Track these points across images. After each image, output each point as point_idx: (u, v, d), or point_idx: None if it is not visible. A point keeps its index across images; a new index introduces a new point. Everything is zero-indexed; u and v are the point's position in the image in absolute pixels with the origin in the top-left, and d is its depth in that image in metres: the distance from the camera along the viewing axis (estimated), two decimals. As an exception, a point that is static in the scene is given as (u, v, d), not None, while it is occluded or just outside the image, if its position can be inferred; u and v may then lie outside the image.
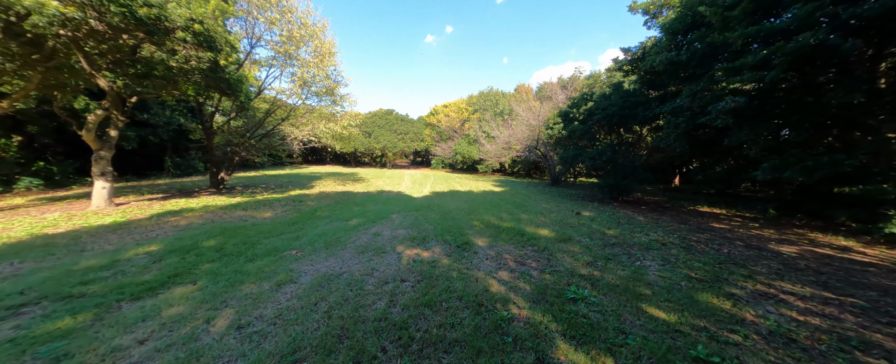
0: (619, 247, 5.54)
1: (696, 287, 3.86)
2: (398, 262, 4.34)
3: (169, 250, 4.70)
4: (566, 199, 12.74)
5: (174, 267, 4.03)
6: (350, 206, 9.12)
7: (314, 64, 10.85)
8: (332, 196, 11.49)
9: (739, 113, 6.83)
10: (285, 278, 3.72)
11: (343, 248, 4.98)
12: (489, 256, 4.71)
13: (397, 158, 51.25)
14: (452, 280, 3.72)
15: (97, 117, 7.70)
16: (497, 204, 10.42)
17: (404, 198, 11.52)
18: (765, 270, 4.68)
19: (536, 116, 19.23)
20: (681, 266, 4.63)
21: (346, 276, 3.82)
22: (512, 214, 8.47)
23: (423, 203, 10.13)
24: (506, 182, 21.43)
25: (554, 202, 11.58)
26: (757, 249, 5.95)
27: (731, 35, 5.87)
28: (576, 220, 8.19)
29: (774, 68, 5.58)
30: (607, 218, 8.59)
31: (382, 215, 7.79)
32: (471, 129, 33.24)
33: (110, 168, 8.39)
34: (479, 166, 31.72)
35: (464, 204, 10.25)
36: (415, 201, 10.54)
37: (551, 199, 12.34)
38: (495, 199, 11.59)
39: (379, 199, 11.11)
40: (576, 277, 3.94)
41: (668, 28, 7.73)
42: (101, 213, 7.64)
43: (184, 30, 6.19)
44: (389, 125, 40.04)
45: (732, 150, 10.05)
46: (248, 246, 4.97)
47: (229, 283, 3.59)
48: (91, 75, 7.06)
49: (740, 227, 8.22)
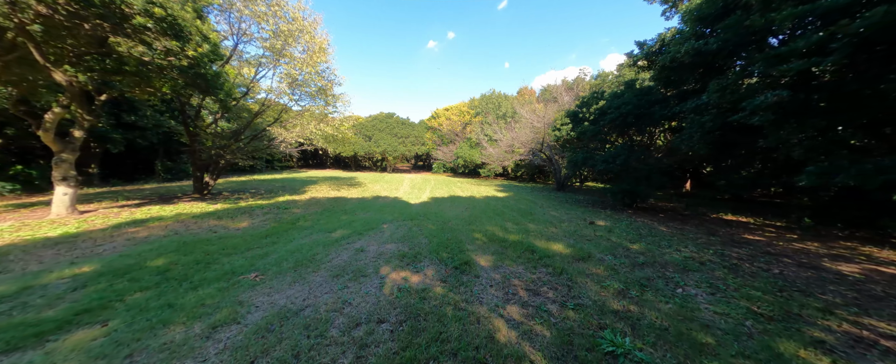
0: (650, 267, 4.60)
1: (768, 330, 2.92)
2: (379, 292, 3.44)
3: (102, 272, 3.84)
4: (575, 205, 11.80)
5: (93, 298, 3.16)
6: (338, 215, 8.25)
7: (304, 61, 10.09)
8: (323, 202, 10.64)
9: (782, 108, 5.91)
10: (227, 316, 2.84)
11: (316, 269, 4.09)
12: (494, 282, 3.80)
13: (398, 162, 50.51)
14: (446, 321, 2.81)
15: (55, 116, 6.92)
16: (501, 211, 9.51)
17: (400, 204, 10.64)
18: (840, 301, 3.73)
19: (541, 118, 18.36)
20: (735, 295, 3.69)
21: (307, 313, 2.93)
22: (518, 224, 7.55)
23: (420, 210, 9.24)
24: (509, 187, 20.51)
25: (563, 209, 10.64)
26: (813, 270, 4.99)
27: (778, 15, 4.99)
28: (590, 230, 7.26)
29: (833, 53, 4.68)
30: (626, 228, 7.64)
31: (372, 225, 6.90)
32: (472, 132, 32.43)
33: (73, 172, 7.60)
34: (482, 170, 30.83)
35: (464, 211, 9.35)
36: (411, 208, 9.66)
37: (559, 206, 11.41)
38: (499, 206, 10.68)
39: (372, 205, 10.24)
40: (608, 315, 3.02)
41: (695, 14, 6.86)
42: (58, 222, 6.82)
43: (143, 14, 5.41)
44: (390, 129, 39.36)
45: (760, 153, 9.10)
46: (200, 267, 4.10)
47: (151, 323, 2.71)
48: (46, 68, 6.30)
49: (777, 238, 7.25)
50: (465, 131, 35.44)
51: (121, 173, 18.27)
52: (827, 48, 4.86)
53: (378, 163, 43.94)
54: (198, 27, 6.29)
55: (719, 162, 10.80)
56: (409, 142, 39.44)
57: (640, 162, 9.53)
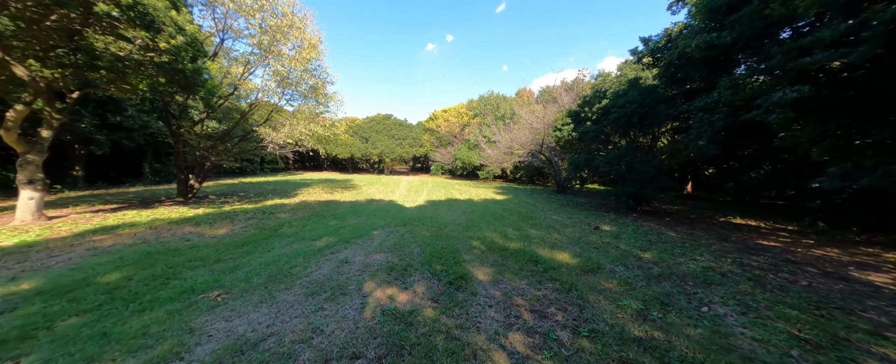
0: (667, 280, 4.13)
1: (820, 362, 2.45)
2: (359, 315, 2.94)
3: (41, 290, 3.33)
4: (577, 208, 11.34)
5: (16, 325, 2.65)
6: (326, 220, 7.75)
7: (294, 58, 9.61)
8: (312, 206, 10.12)
9: (802, 105, 5.48)
10: (169, 350, 2.33)
11: (290, 285, 3.59)
12: (494, 301, 3.31)
13: (396, 164, 50.02)
14: (435, 356, 2.32)
15: (18, 114, 6.40)
16: (500, 216, 9.03)
17: (394, 208, 10.15)
18: (886, 321, 3.27)
19: (540, 119, 17.94)
20: (769, 315, 3.22)
21: (268, 345, 2.43)
22: (519, 230, 7.08)
23: (415, 215, 8.75)
24: (508, 189, 20.05)
25: (565, 213, 10.18)
26: (843, 281, 4.54)
27: (801, 2, 4.57)
28: (596, 237, 6.79)
29: (864, 43, 4.26)
30: (633, 234, 7.18)
31: (361, 232, 6.41)
32: (471, 133, 32.01)
33: (41, 175, 7.06)
34: (480, 172, 30.39)
35: (462, 216, 8.87)
36: (405, 212, 9.17)
37: (561, 209, 10.95)
38: (498, 210, 10.21)
39: (364, 209, 9.74)
40: (630, 345, 2.54)
41: (707, 5, 6.44)
42: (20, 229, 6.27)
43: (107, 1, 4.92)
44: (387, 130, 38.89)
45: (770, 153, 8.69)
46: (157, 283, 3.59)
47: (72, 360, 2.20)
48: (5, 62, 5.79)
49: (794, 244, 6.81)
50: (463, 133, 35.03)
51: (107, 176, 17.69)
52: (856, 38, 4.43)
53: (375, 165, 43.40)
54: (172, 18, 5.80)
55: (725, 163, 10.39)
56: (407, 144, 38.97)
57: (645, 164, 9.10)
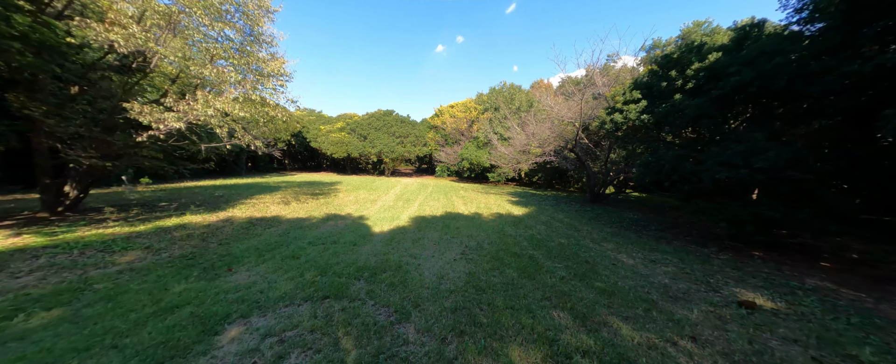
0: None
1: None
2: None
3: None
4: (643, 236, 7.24)
5: None
6: (187, 274, 3.87)
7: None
8: (222, 232, 6.33)
9: None
10: None
11: None
12: None
13: (398, 165, 46.37)
14: None
15: None
16: (528, 259, 5.03)
17: (351, 236, 6.26)
18: None
19: (571, 108, 13.85)
20: None
21: None
22: (585, 318, 3.08)
23: (376, 254, 4.84)
24: (525, 196, 15.96)
25: (634, 248, 6.10)
26: None
27: None
28: (760, 338, 2.74)
29: None
30: (828, 320, 3.09)
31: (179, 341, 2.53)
32: (480, 130, 28.01)
33: None
34: (490, 174, 26.37)
35: (458, 256, 4.93)
36: (360, 250, 5.26)
37: (623, 240, 6.86)
38: (521, 240, 6.22)
39: (298, 240, 5.88)
40: None
41: None
42: None
43: None
44: (387, 127, 35.26)
45: None
46: None
47: None
48: None
49: None
50: (471, 130, 31.06)
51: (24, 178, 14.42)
52: None
53: (376, 165, 39.85)
54: None
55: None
56: (409, 142, 35.20)
57: (798, 167, 4.95)
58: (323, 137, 34.51)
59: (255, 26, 7.16)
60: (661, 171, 6.11)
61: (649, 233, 7.79)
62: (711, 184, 5.66)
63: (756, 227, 5.44)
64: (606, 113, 7.95)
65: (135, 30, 5.30)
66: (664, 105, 6.21)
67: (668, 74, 6.50)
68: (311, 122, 39.53)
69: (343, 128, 35.60)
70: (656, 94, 6.71)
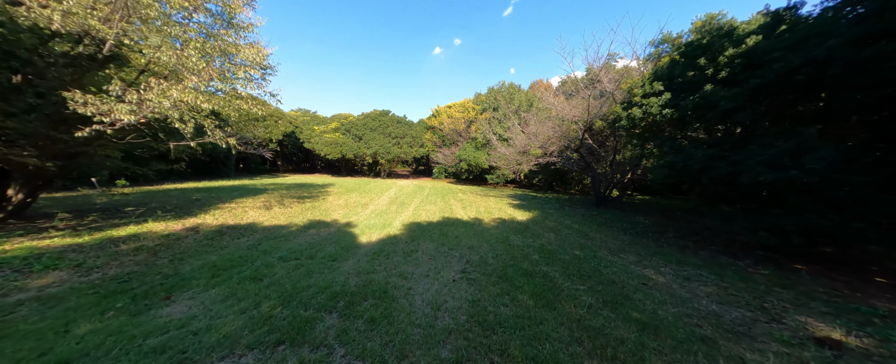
0: None
1: None
2: None
3: None
4: (663, 244, 6.44)
5: None
6: (89, 314, 2.99)
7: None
8: (183, 244, 5.42)
9: None
10: None
11: None
12: None
13: (395, 166, 45.45)
14: None
15: None
16: (542, 274, 4.19)
17: (333, 248, 5.39)
18: None
19: (575, 106, 13.12)
20: None
21: None
22: None
23: (356, 274, 3.98)
24: (526, 198, 15.15)
25: (658, 261, 5.29)
26: None
27: None
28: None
29: None
30: None
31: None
32: (478, 131, 27.24)
33: None
34: (489, 176, 25.56)
35: (457, 273, 4.08)
36: (337, 269, 4.38)
37: (634, 246, 6.05)
38: (529, 251, 5.38)
39: (270, 253, 5.00)
40: None
41: None
42: None
43: None
44: (383, 127, 34.37)
45: None
46: None
47: None
48: None
49: None
50: (469, 130, 30.28)
51: None
52: None
53: (372, 167, 38.90)
54: None
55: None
56: (405, 143, 34.32)
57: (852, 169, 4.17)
58: (316, 138, 33.54)
59: (232, 14, 6.29)
60: (687, 173, 5.32)
61: (668, 241, 7.00)
62: (750, 187, 4.86)
63: (804, 238, 4.64)
64: (622, 108, 7.14)
65: (70, 3, 4.41)
66: (692, 98, 5.43)
67: (695, 63, 5.71)
68: (306, 123, 38.55)
69: (337, 128, 34.66)
70: (680, 86, 5.92)
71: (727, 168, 5.00)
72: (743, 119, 5.02)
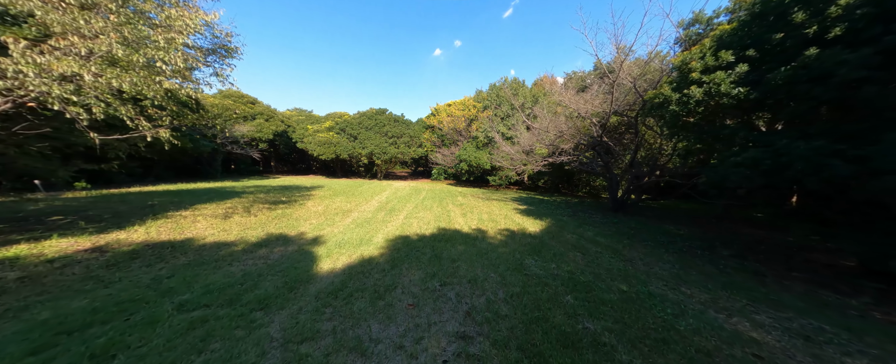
0: None
1: None
2: None
3: None
4: (713, 261, 4.84)
5: None
6: None
7: None
8: (48, 277, 3.82)
9: None
10: None
11: None
12: None
13: (392, 167, 43.79)
14: None
15: None
16: (590, 340, 2.57)
17: (273, 283, 3.77)
18: None
19: (588, 100, 11.52)
20: None
21: None
22: None
23: (283, 343, 2.37)
24: (533, 202, 13.52)
25: (741, 300, 3.67)
26: None
27: None
28: None
29: None
30: None
31: None
32: (480, 129, 25.66)
33: None
34: (491, 177, 23.97)
35: (452, 336, 2.44)
36: (256, 333, 2.77)
37: (688, 269, 4.44)
38: (557, 287, 3.77)
39: (154, 303, 3.39)
40: None
41: None
42: None
43: None
44: (379, 127, 32.80)
45: None
46: None
47: None
48: None
49: None
50: (470, 129, 28.66)
51: None
52: None
53: (368, 168, 37.25)
54: None
55: None
56: (403, 143, 32.72)
57: None
58: (309, 137, 31.95)
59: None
60: (781, 174, 3.71)
61: (728, 262, 5.36)
62: (882, 192, 3.24)
63: None
64: (672, 88, 5.47)
65: None
66: (784, 69, 3.82)
67: (787, 20, 4.06)
68: (299, 122, 36.99)
69: (331, 127, 33.04)
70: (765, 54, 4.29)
71: (848, 168, 3.37)
72: (870, 95, 3.41)
